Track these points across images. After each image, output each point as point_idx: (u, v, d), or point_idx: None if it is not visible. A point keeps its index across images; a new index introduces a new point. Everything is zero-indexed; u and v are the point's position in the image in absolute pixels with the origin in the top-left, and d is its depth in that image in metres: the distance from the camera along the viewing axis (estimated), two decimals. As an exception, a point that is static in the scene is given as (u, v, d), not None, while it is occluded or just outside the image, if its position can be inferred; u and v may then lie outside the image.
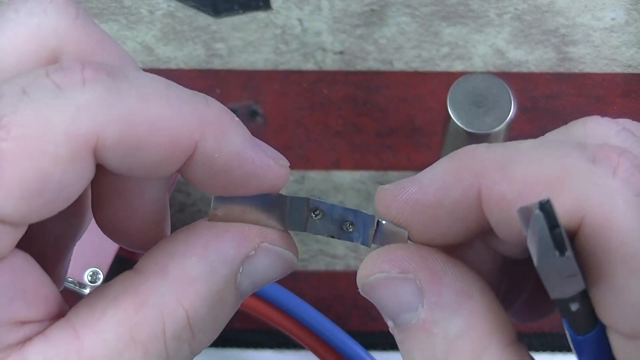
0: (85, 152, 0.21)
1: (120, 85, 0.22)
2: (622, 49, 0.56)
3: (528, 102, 0.54)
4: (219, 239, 0.24)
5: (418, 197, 0.25)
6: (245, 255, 0.24)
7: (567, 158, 0.23)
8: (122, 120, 0.21)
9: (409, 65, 0.56)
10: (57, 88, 0.21)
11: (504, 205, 0.23)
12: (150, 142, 0.22)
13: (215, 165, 0.24)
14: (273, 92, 0.55)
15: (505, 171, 0.23)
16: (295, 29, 0.57)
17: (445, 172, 0.24)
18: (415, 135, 0.54)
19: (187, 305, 0.23)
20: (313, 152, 0.53)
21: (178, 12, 0.57)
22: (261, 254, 0.25)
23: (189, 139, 0.23)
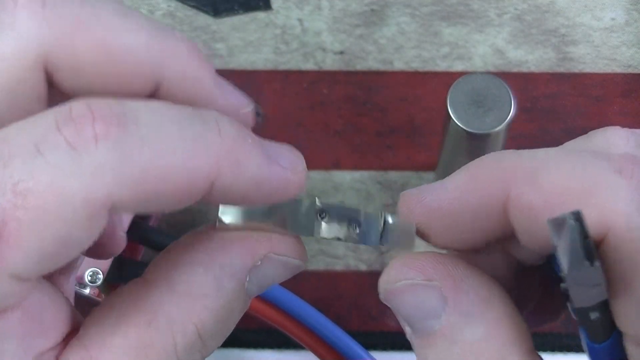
0: (101, 213, 0.21)
1: (130, 139, 0.22)
2: (622, 49, 0.56)
3: (528, 102, 0.54)
4: (225, 251, 0.24)
5: (442, 201, 0.25)
6: (252, 266, 0.24)
7: (595, 169, 0.23)
8: (135, 179, 0.22)
9: (409, 65, 0.56)
10: (71, 149, 0.21)
11: (532, 213, 0.23)
12: (165, 192, 0.22)
13: (233, 194, 0.24)
14: (273, 92, 0.55)
15: (534, 180, 0.23)
16: (295, 29, 0.57)
17: (470, 178, 0.25)
18: (415, 135, 0.54)
19: (196, 320, 0.23)
20: (313, 152, 0.53)
21: (178, 12, 0.57)
22: (268, 264, 0.25)
23: (204, 181, 0.23)
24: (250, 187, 0.24)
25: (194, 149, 0.22)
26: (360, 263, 0.50)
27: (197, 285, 0.24)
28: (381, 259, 0.51)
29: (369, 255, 0.51)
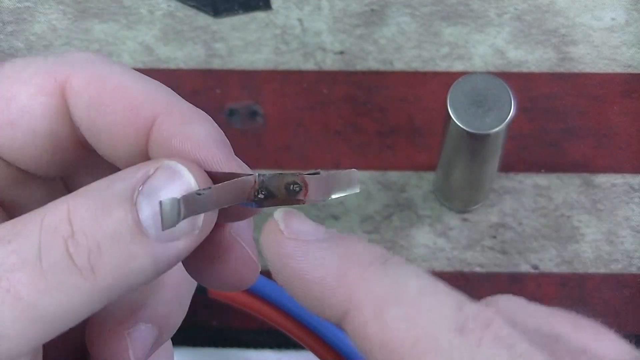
0: (52, 87, 0.24)
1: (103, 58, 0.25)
2: (622, 49, 0.56)
3: (528, 102, 0.54)
4: (130, 167, 0.24)
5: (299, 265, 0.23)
6: (146, 173, 0.23)
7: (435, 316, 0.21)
8: (91, 72, 0.24)
9: (409, 65, 0.56)
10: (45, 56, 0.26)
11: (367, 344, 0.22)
12: (113, 100, 0.24)
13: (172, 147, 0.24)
14: (273, 92, 0.55)
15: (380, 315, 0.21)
16: (295, 29, 0.57)
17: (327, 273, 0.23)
18: (415, 135, 0.54)
19: (70, 203, 0.22)
20: (313, 152, 0.53)
21: (178, 12, 0.57)
22: (159, 171, 0.23)
23: (149, 110, 0.24)
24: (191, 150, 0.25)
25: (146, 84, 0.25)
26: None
27: (90, 186, 0.23)
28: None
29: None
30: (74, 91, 0.25)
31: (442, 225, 0.52)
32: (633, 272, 0.50)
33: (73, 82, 0.25)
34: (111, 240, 0.22)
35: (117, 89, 0.24)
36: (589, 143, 0.53)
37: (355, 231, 0.51)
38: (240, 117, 0.54)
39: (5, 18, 0.57)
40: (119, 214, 0.22)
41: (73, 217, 0.22)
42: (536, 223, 0.51)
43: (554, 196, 0.52)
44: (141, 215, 0.22)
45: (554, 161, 0.53)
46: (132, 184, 0.23)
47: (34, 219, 0.22)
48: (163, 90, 0.25)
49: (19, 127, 0.25)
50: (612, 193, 0.52)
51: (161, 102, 0.25)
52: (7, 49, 0.56)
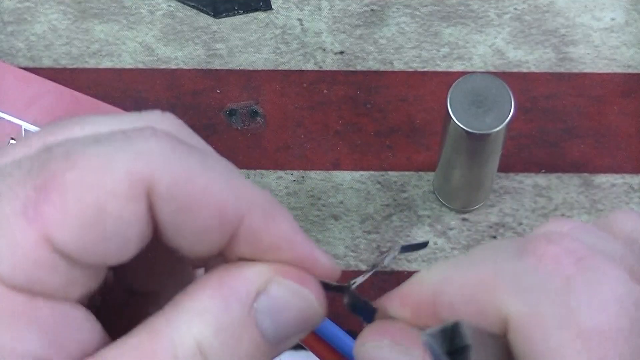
0: (140, 192, 0.23)
1: (185, 147, 0.24)
2: (622, 49, 0.56)
3: (528, 102, 0.54)
4: (233, 276, 0.24)
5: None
6: (258, 288, 0.24)
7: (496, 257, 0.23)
8: (177, 173, 0.23)
9: (409, 65, 0.56)
10: (126, 136, 0.23)
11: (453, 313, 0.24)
12: (200, 204, 0.23)
13: (261, 244, 0.24)
14: (273, 92, 0.55)
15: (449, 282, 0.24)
16: (295, 29, 0.57)
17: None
18: (415, 135, 0.54)
19: (196, 334, 0.23)
20: (313, 152, 0.53)
21: (178, 12, 0.57)
22: (273, 287, 0.24)
23: (236, 210, 0.24)
24: (280, 243, 0.25)
25: (234, 181, 0.24)
26: (360, 263, 0.51)
27: (201, 304, 0.24)
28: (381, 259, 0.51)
29: (368, 255, 0.51)
30: (160, 196, 0.23)
31: (442, 225, 0.52)
32: (633, 272, 0.50)
33: (158, 186, 0.23)
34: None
35: (204, 192, 0.24)
36: (588, 143, 0.53)
37: (355, 231, 0.51)
38: (240, 117, 0.54)
39: (5, 18, 0.57)
40: (247, 340, 0.24)
41: (204, 349, 0.23)
42: (536, 223, 0.51)
43: (553, 196, 0.52)
44: (266, 335, 0.24)
45: (553, 161, 0.53)
46: (248, 302, 0.24)
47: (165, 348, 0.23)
48: (246, 186, 0.25)
49: (114, 241, 0.23)
50: (611, 193, 0.52)
51: (246, 202, 0.24)
52: (8, 49, 0.56)
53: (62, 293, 0.23)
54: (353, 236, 0.51)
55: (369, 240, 0.51)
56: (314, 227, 0.51)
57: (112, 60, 0.56)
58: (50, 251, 0.22)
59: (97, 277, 0.24)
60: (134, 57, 0.56)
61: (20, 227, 0.22)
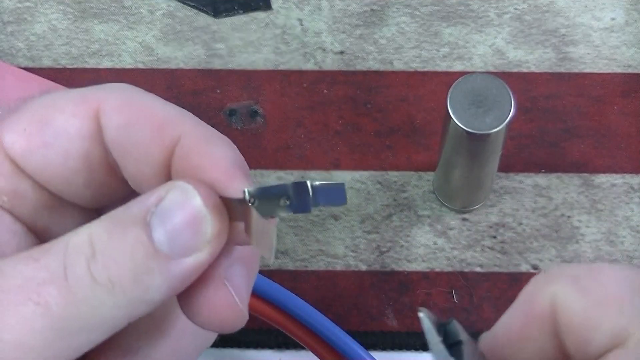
0: (87, 111, 0.26)
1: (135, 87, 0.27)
2: (622, 49, 0.56)
3: (528, 102, 0.54)
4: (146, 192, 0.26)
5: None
6: (159, 195, 0.25)
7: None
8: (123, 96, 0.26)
9: (409, 65, 0.56)
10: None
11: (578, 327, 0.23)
12: (141, 122, 0.26)
13: (190, 163, 0.26)
14: (273, 92, 0.55)
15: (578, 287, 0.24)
16: (295, 29, 0.57)
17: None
18: (415, 135, 0.54)
19: (92, 228, 0.25)
20: (313, 152, 0.53)
21: (178, 12, 0.57)
22: (169, 193, 0.25)
23: (174, 128, 0.26)
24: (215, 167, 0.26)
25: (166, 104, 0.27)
26: (360, 263, 0.51)
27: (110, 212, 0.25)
28: (381, 259, 0.51)
29: (368, 255, 0.51)
30: (106, 114, 0.26)
31: (442, 225, 0.52)
32: (633, 272, 0.50)
33: (105, 106, 0.26)
34: (128, 258, 0.24)
35: (145, 111, 0.26)
36: (588, 143, 0.53)
37: (355, 231, 0.51)
38: (240, 117, 0.54)
39: (5, 18, 0.57)
40: (132, 234, 0.24)
41: (94, 239, 0.24)
42: (536, 223, 0.51)
43: (553, 196, 0.52)
44: (154, 234, 0.24)
45: (553, 161, 0.53)
46: (146, 206, 0.25)
47: (61, 241, 0.25)
48: (188, 114, 0.27)
49: (53, 148, 0.26)
50: (612, 193, 0.52)
51: (185, 123, 0.26)
52: (8, 49, 0.56)
53: (6, 200, 0.26)
54: (353, 236, 0.51)
55: (369, 240, 0.51)
56: (314, 227, 0.51)
57: (112, 60, 0.56)
58: (1, 155, 0.26)
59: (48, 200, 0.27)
60: (134, 57, 0.56)
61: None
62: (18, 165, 0.27)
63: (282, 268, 0.50)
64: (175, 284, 0.25)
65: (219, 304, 0.26)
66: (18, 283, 0.24)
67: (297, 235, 0.51)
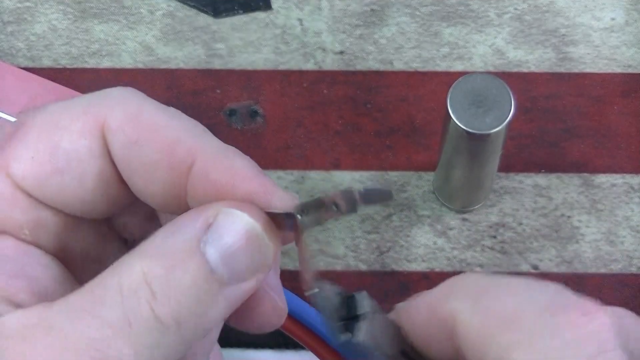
0: (94, 129, 0.24)
1: (141, 96, 0.26)
2: (622, 49, 0.56)
3: (528, 102, 0.54)
4: (186, 215, 0.25)
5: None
6: (206, 221, 0.24)
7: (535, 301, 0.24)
8: (128, 110, 0.25)
9: (409, 65, 0.56)
10: (84, 96, 0.26)
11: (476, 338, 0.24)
12: (148, 140, 0.25)
13: (214, 183, 0.25)
14: (273, 92, 0.55)
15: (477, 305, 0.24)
16: (295, 29, 0.57)
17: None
18: (415, 135, 0.54)
19: (143, 265, 0.23)
20: (313, 152, 0.53)
21: (178, 12, 0.57)
22: (219, 217, 0.24)
23: (187, 148, 0.25)
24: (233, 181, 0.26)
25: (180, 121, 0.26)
26: (360, 263, 0.51)
27: (154, 242, 0.24)
28: (381, 259, 0.51)
29: (368, 255, 0.51)
30: (111, 130, 0.25)
31: (442, 225, 0.52)
32: (633, 272, 0.50)
33: (110, 121, 0.25)
34: (190, 294, 0.23)
35: (152, 127, 0.25)
36: (588, 143, 0.53)
37: (355, 231, 0.51)
38: (240, 117, 0.54)
39: (5, 18, 0.57)
40: (192, 266, 0.23)
41: (150, 279, 0.23)
42: (536, 223, 0.51)
43: (554, 196, 0.52)
44: (211, 264, 0.24)
45: (553, 161, 0.53)
46: (196, 235, 0.24)
47: (112, 283, 0.23)
48: (195, 126, 0.26)
49: (67, 173, 0.25)
50: (612, 193, 0.52)
51: (196, 139, 0.25)
52: (8, 49, 0.56)
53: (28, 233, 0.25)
54: (353, 236, 0.51)
55: (369, 240, 0.51)
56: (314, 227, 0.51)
57: (112, 60, 0.56)
58: (13, 187, 0.25)
59: (65, 222, 0.26)
60: (134, 57, 0.56)
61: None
62: (33, 195, 0.25)
63: (282, 268, 0.50)
64: (233, 307, 0.25)
65: (266, 309, 0.26)
66: (82, 346, 0.22)
67: (297, 235, 0.51)
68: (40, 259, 0.26)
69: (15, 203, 0.25)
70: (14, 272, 0.25)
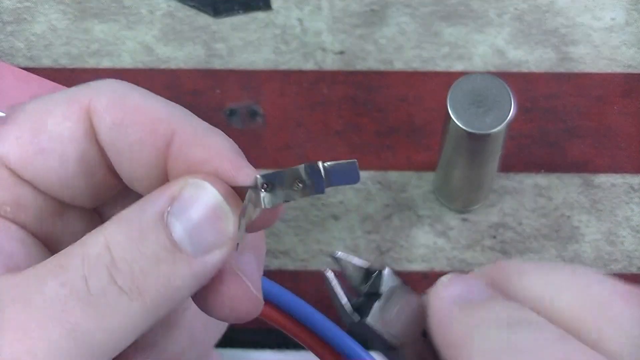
0: (78, 112, 0.26)
1: (124, 83, 0.26)
2: (622, 49, 0.56)
3: (528, 102, 0.54)
4: (158, 189, 0.25)
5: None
6: (172, 193, 0.25)
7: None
8: (113, 94, 0.26)
9: (409, 65, 0.56)
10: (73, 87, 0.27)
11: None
12: (133, 120, 0.26)
13: (191, 158, 0.25)
14: (273, 92, 0.55)
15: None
16: (295, 29, 0.57)
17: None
18: (415, 135, 0.54)
19: (106, 234, 0.24)
20: (313, 152, 0.53)
21: (178, 12, 0.57)
22: (184, 189, 0.25)
23: (167, 124, 0.26)
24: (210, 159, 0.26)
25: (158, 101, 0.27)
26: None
27: (122, 214, 0.25)
28: (381, 259, 0.51)
29: (368, 255, 0.51)
30: (97, 113, 0.26)
31: (442, 225, 0.52)
32: (633, 272, 0.50)
33: (96, 105, 0.26)
34: (151, 262, 0.24)
35: (136, 108, 0.26)
36: (589, 143, 0.53)
37: (355, 231, 0.51)
38: (240, 117, 0.54)
39: (5, 18, 0.57)
40: (154, 236, 0.24)
41: (112, 246, 0.24)
42: (536, 223, 0.51)
43: (554, 196, 0.52)
44: (174, 235, 0.24)
45: (554, 161, 0.53)
46: (161, 206, 0.24)
47: (76, 252, 0.24)
48: (180, 109, 0.27)
49: (49, 153, 0.26)
50: (612, 193, 0.52)
51: (178, 118, 0.26)
52: (7, 49, 0.56)
53: (9, 210, 0.26)
54: (353, 236, 0.51)
55: (369, 240, 0.51)
56: (314, 227, 0.51)
57: (111, 60, 0.56)
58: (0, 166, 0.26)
59: (51, 205, 0.27)
60: (134, 57, 0.56)
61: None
62: (17, 173, 0.26)
63: (282, 268, 0.50)
64: (200, 281, 0.25)
65: (234, 295, 0.26)
66: (41, 304, 0.23)
67: (297, 235, 0.51)
68: (18, 235, 0.26)
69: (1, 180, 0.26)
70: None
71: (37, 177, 0.26)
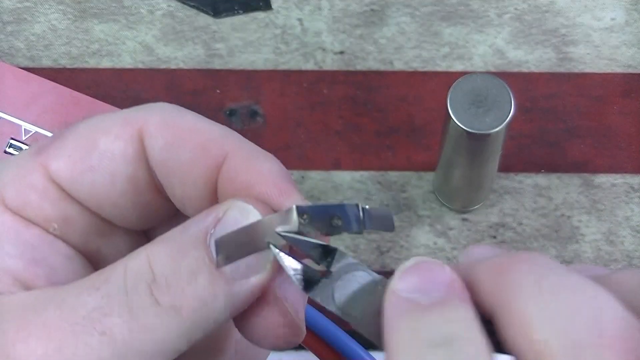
0: (131, 133, 0.26)
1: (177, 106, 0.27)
2: (622, 49, 0.56)
3: (528, 102, 0.54)
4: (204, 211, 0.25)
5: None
6: (217, 215, 0.25)
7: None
8: (166, 115, 0.26)
9: (409, 65, 0.56)
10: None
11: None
12: (185, 141, 0.26)
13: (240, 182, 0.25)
14: (273, 92, 0.55)
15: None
16: (295, 29, 0.57)
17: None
18: (415, 135, 0.54)
19: (148, 250, 0.24)
20: (313, 152, 0.53)
21: (178, 12, 0.57)
22: (229, 212, 0.25)
23: (219, 147, 0.26)
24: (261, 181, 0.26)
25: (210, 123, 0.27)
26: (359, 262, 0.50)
27: (166, 234, 0.25)
28: (381, 259, 0.51)
29: (368, 255, 0.51)
30: (149, 134, 0.26)
31: (442, 225, 0.52)
32: (633, 272, 0.50)
33: (148, 127, 0.26)
34: (190, 279, 0.24)
35: (189, 129, 0.26)
36: (589, 143, 0.53)
37: (355, 231, 0.51)
38: (240, 117, 0.54)
39: (5, 18, 0.57)
40: (193, 254, 0.24)
41: (153, 263, 0.24)
42: (536, 223, 0.51)
43: (554, 196, 0.52)
44: (215, 255, 0.24)
45: (554, 161, 0.53)
46: (204, 226, 0.24)
47: (118, 267, 0.24)
48: (231, 131, 0.27)
49: (99, 171, 0.26)
50: (612, 193, 0.52)
51: (230, 140, 0.26)
52: (7, 49, 0.56)
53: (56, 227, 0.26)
54: (353, 236, 0.51)
55: (369, 240, 0.51)
56: (314, 227, 0.51)
57: (111, 60, 0.56)
58: (46, 181, 0.26)
59: (98, 225, 0.27)
60: (134, 57, 0.56)
61: (27, 161, 0.26)
62: (65, 191, 0.26)
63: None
64: (238, 305, 0.25)
65: (276, 322, 0.26)
66: (82, 314, 0.23)
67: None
68: (64, 251, 0.26)
69: (47, 196, 0.26)
70: (34, 260, 0.25)
71: (85, 195, 0.26)
